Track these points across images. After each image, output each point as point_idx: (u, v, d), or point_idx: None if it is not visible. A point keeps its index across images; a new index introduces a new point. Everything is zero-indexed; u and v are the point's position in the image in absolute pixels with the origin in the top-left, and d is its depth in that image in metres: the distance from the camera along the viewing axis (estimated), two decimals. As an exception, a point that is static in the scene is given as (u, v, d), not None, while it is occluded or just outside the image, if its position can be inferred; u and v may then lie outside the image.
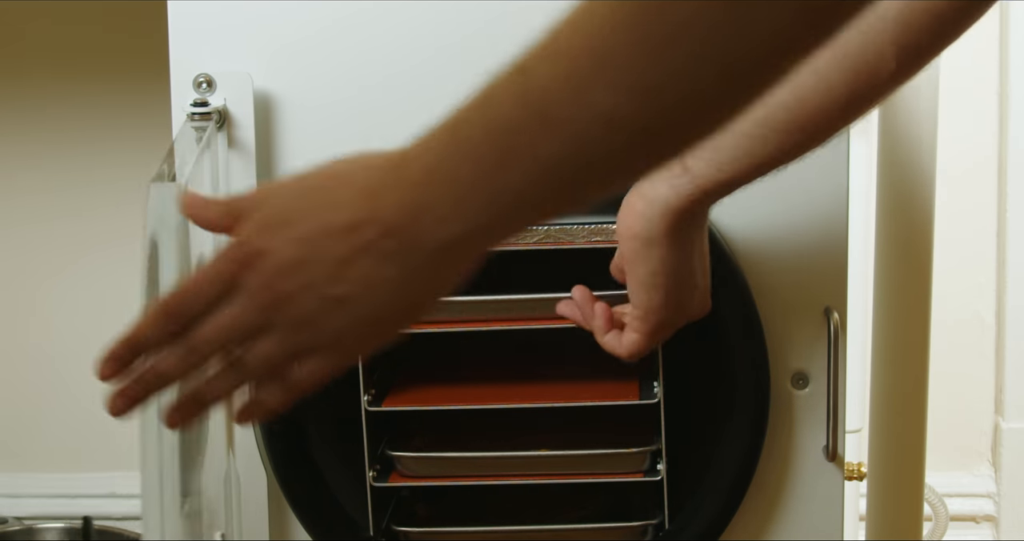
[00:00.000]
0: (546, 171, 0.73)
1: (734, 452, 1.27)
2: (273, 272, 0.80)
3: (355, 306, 0.80)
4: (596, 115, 0.70)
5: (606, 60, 0.69)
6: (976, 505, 2.09)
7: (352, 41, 1.25)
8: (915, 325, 1.53)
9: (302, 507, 1.30)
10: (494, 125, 0.74)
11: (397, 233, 0.77)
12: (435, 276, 0.79)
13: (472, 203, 0.75)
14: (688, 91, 0.69)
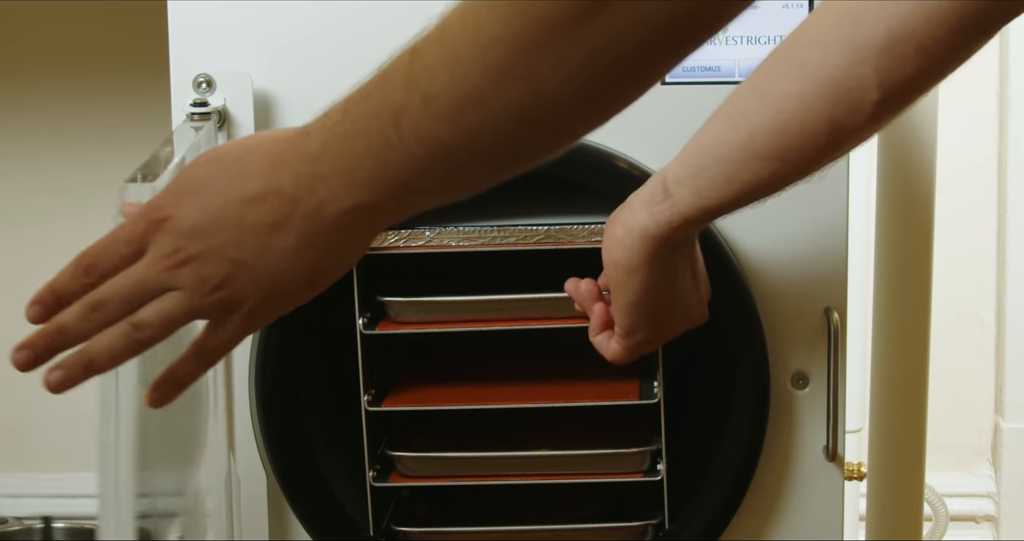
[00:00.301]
0: (429, 151, 0.78)
1: (734, 452, 1.27)
2: (181, 234, 0.84)
3: (255, 270, 0.83)
4: (474, 99, 0.75)
5: (485, 45, 0.74)
6: (976, 505, 2.09)
7: (352, 41, 1.25)
8: (915, 325, 1.53)
9: (302, 507, 1.30)
10: (383, 103, 0.79)
11: (294, 203, 0.82)
12: (331, 245, 0.83)
13: (362, 178, 0.80)
14: (562, 80, 0.74)
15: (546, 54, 0.73)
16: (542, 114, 0.77)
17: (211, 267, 0.83)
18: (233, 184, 0.84)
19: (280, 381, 1.28)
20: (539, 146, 0.81)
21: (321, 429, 1.31)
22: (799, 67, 0.90)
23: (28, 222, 2.02)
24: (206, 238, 0.83)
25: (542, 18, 0.73)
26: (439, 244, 1.24)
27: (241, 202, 0.83)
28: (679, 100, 1.23)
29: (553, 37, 0.73)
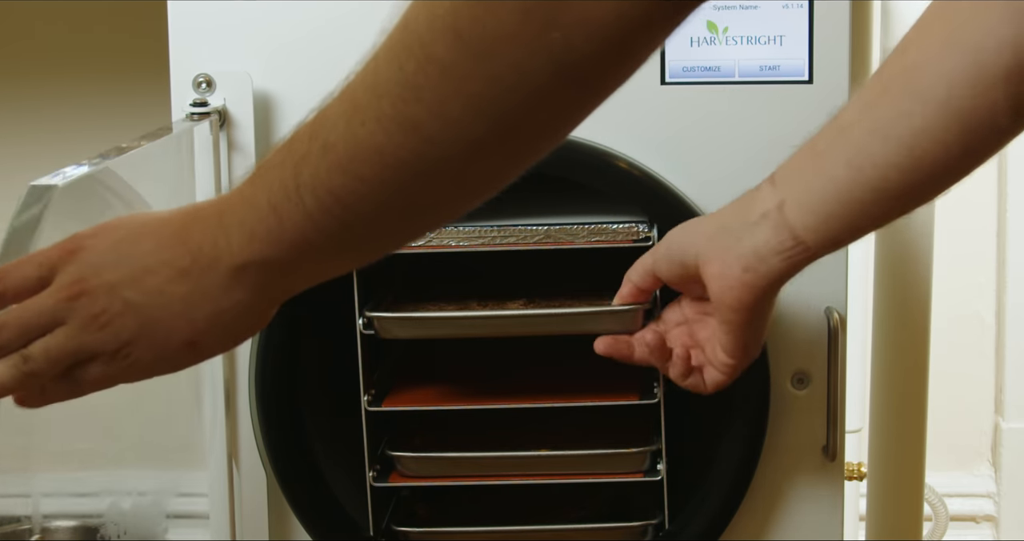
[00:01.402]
0: (322, 204, 0.77)
1: (734, 452, 1.27)
2: (85, 265, 0.84)
3: (145, 314, 0.83)
4: (367, 146, 0.74)
5: (381, 92, 0.73)
6: (976, 505, 2.09)
7: (351, 41, 1.25)
8: (915, 325, 1.53)
9: (302, 507, 1.30)
10: (288, 156, 0.78)
11: (196, 253, 0.82)
12: (222, 303, 0.82)
13: (260, 232, 0.79)
14: (449, 131, 0.73)
15: (446, 96, 0.73)
16: (439, 164, 0.75)
17: (102, 303, 0.83)
18: (151, 228, 0.84)
19: (280, 381, 1.28)
20: (435, 202, 0.79)
21: (321, 429, 1.31)
22: (923, 102, 0.89)
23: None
24: (107, 273, 0.83)
25: (438, 60, 0.72)
26: (439, 244, 1.24)
27: (152, 245, 0.83)
28: (679, 100, 1.23)
29: (446, 81, 0.72)
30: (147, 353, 0.84)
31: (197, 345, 0.84)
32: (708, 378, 1.06)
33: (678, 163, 1.24)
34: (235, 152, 1.24)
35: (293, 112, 1.26)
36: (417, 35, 0.72)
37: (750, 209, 0.98)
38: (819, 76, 1.24)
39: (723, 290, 0.99)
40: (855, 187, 0.93)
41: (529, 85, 0.72)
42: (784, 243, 0.96)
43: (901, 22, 1.51)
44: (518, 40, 0.71)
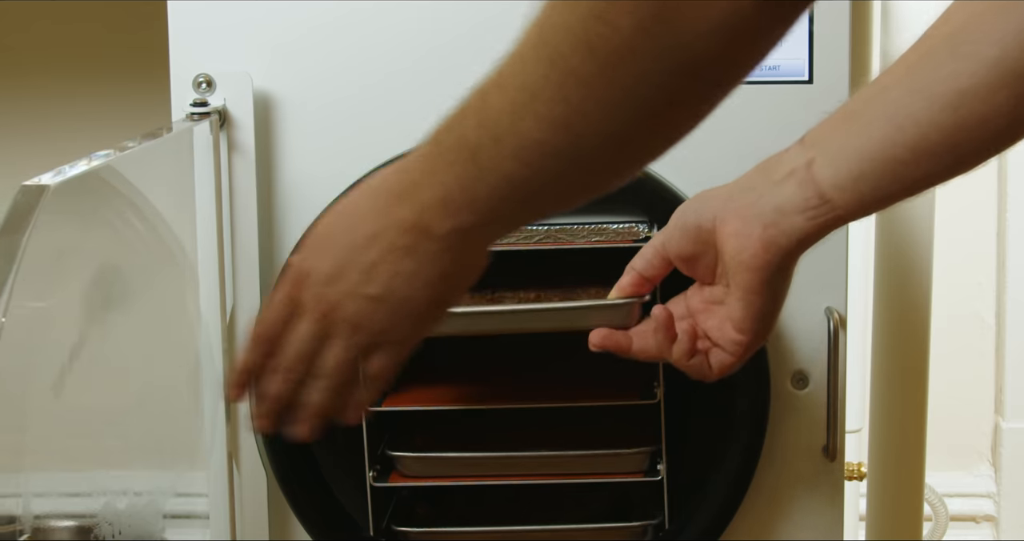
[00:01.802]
0: (508, 185, 0.86)
1: (734, 452, 1.27)
2: (319, 285, 0.94)
3: (390, 300, 0.92)
4: (532, 140, 0.84)
5: (533, 94, 0.83)
6: (976, 505, 2.09)
7: (351, 41, 1.25)
8: (915, 325, 1.53)
9: (302, 507, 1.30)
10: (462, 141, 0.87)
11: (407, 231, 0.90)
12: (447, 263, 0.91)
13: (454, 205, 0.89)
14: (594, 129, 0.83)
15: (587, 99, 0.81)
16: (589, 155, 0.85)
17: (351, 308, 0.93)
18: (353, 230, 0.93)
19: (280, 381, 1.28)
20: (592, 181, 0.89)
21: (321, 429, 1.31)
22: (973, 61, 0.88)
23: (28, 222, 2.02)
24: (341, 282, 0.93)
25: (575, 72, 0.80)
26: (439, 244, 1.24)
27: (364, 242, 0.92)
28: (679, 100, 1.23)
29: (586, 87, 0.81)
30: (408, 327, 0.94)
31: (440, 302, 0.94)
32: (715, 361, 1.04)
33: (678, 163, 1.24)
34: (235, 152, 1.24)
35: (293, 112, 1.26)
36: (556, 49, 0.81)
37: (775, 169, 0.97)
38: (819, 76, 1.24)
39: (742, 248, 0.97)
40: (892, 145, 0.91)
41: (657, 87, 0.80)
42: (809, 200, 0.95)
43: (901, 22, 1.51)
44: (640, 51, 0.79)
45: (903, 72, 0.92)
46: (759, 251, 0.97)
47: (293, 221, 1.27)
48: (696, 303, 1.04)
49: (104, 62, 1.97)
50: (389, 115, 1.25)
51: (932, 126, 0.90)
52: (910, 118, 0.90)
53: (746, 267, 0.98)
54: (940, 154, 0.91)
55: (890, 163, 0.92)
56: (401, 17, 1.25)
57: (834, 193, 0.94)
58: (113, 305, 1.10)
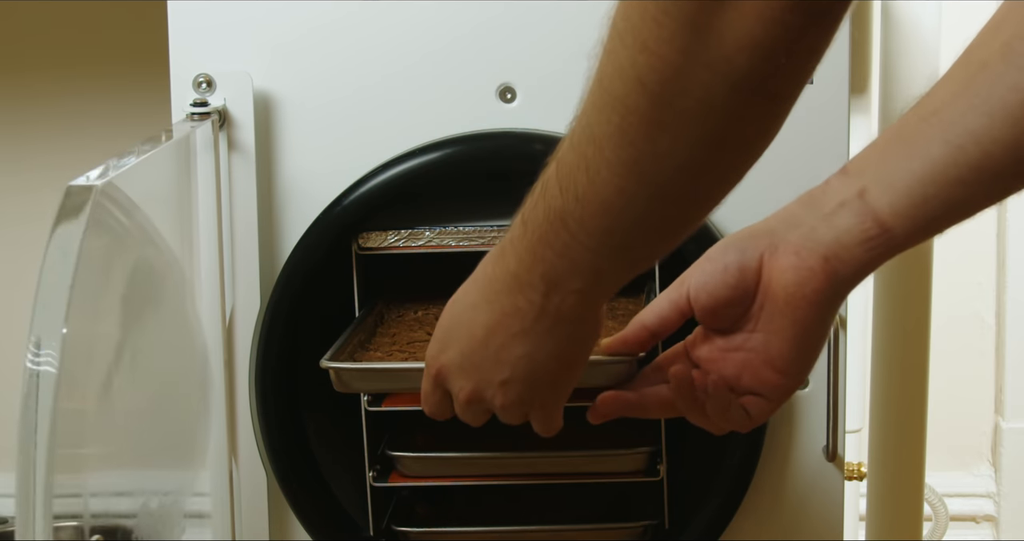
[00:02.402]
0: (600, 240, 0.89)
1: (734, 452, 1.27)
2: (455, 376, 1.02)
3: (522, 381, 0.99)
4: (612, 190, 0.86)
5: (601, 143, 0.85)
6: (976, 505, 2.09)
7: (351, 41, 1.25)
8: (915, 325, 1.53)
9: (302, 507, 1.30)
10: (550, 211, 0.90)
11: (519, 316, 0.96)
12: (562, 336, 0.97)
13: (558, 276, 0.93)
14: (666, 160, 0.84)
15: (650, 135, 0.84)
16: (666, 187, 0.86)
17: (489, 392, 1.01)
18: (471, 324, 0.99)
19: (280, 381, 1.28)
20: (683, 214, 0.90)
21: (321, 429, 1.31)
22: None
23: (28, 221, 2.02)
24: (474, 373, 1.00)
25: (634, 109, 0.82)
26: (439, 244, 1.24)
27: (482, 334, 0.98)
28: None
29: (647, 123, 0.83)
30: (547, 393, 1.01)
31: (571, 365, 1.00)
32: (753, 410, 1.00)
33: (678, 163, 1.24)
34: (235, 152, 1.24)
35: (293, 112, 1.26)
36: (612, 92, 0.83)
37: (822, 202, 0.92)
38: (819, 76, 1.23)
39: (802, 281, 0.93)
40: (954, 166, 0.87)
41: (715, 109, 0.82)
42: (868, 231, 0.90)
43: (901, 22, 1.51)
44: (690, 76, 0.81)
45: (957, 89, 0.87)
46: (822, 284, 0.93)
47: (293, 221, 1.27)
48: (707, 353, 0.99)
49: (104, 62, 1.97)
50: (389, 115, 1.25)
51: (994, 143, 0.86)
52: (970, 136, 0.86)
53: (806, 302, 0.93)
54: (1002, 171, 0.88)
55: (953, 185, 0.88)
56: (401, 17, 1.25)
57: (894, 221, 0.90)
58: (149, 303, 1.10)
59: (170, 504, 1.16)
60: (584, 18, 1.22)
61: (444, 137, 1.25)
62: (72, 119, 1.99)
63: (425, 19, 1.25)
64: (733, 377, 0.98)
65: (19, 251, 2.03)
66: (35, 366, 0.92)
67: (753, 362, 0.97)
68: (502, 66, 1.25)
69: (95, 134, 1.99)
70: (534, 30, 1.24)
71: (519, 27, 1.24)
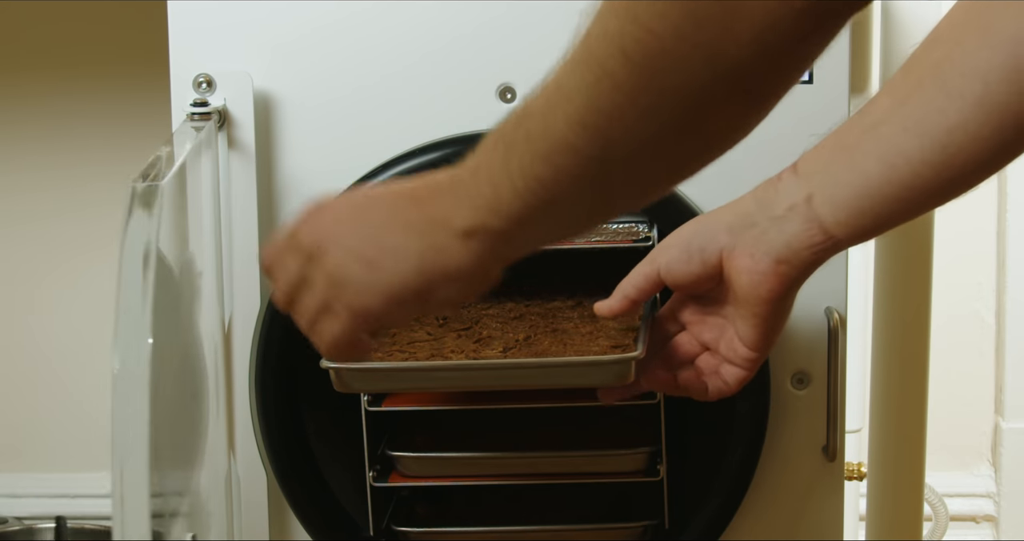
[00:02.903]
0: (529, 186, 0.85)
1: (734, 452, 1.27)
2: (319, 229, 0.94)
3: (377, 269, 0.92)
4: (562, 144, 0.83)
5: (568, 96, 0.82)
6: (976, 505, 2.08)
7: (351, 41, 1.25)
8: (915, 325, 1.53)
9: (302, 507, 1.30)
10: (501, 138, 0.87)
11: (429, 216, 0.90)
12: (454, 260, 0.90)
13: (481, 205, 0.88)
14: (627, 134, 0.82)
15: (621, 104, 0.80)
16: (620, 160, 0.83)
17: (337, 260, 0.92)
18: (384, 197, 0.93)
19: (280, 380, 1.28)
20: (625, 192, 0.88)
21: (321, 429, 1.31)
22: (959, 98, 0.89)
23: (28, 221, 2.02)
24: (340, 235, 0.93)
25: (611, 75, 0.79)
26: (439, 244, 1.24)
27: (386, 210, 0.92)
28: (679, 100, 1.23)
29: (620, 92, 0.80)
30: (380, 305, 0.93)
31: (428, 298, 0.92)
32: (729, 377, 1.06)
33: (678, 163, 1.24)
34: (235, 152, 1.24)
35: (293, 112, 1.26)
36: (593, 52, 0.81)
37: (774, 201, 0.99)
38: (819, 76, 1.24)
39: (756, 282, 1.00)
40: (888, 184, 0.93)
41: (692, 95, 0.80)
42: (814, 237, 0.98)
43: (901, 22, 1.51)
44: (676, 55, 0.78)
45: (894, 105, 0.93)
46: (774, 285, 1.00)
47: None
48: (689, 316, 1.07)
49: (104, 62, 1.97)
50: (389, 114, 1.25)
51: (924, 164, 0.92)
52: (902, 156, 0.92)
53: (761, 299, 1.01)
54: (932, 188, 0.94)
55: (888, 200, 0.95)
56: (401, 17, 1.25)
57: (836, 229, 0.97)
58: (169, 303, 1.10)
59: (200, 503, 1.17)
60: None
61: (444, 137, 1.25)
62: (71, 119, 1.99)
63: (425, 19, 1.25)
64: (712, 341, 1.06)
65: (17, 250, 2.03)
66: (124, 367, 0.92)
67: (728, 333, 1.05)
68: (502, 66, 1.25)
69: (94, 134, 1.99)
70: (534, 30, 1.24)
71: (519, 27, 1.24)
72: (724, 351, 1.05)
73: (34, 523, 1.87)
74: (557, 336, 1.20)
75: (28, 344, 2.05)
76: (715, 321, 1.05)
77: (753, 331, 1.03)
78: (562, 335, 1.20)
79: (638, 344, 1.07)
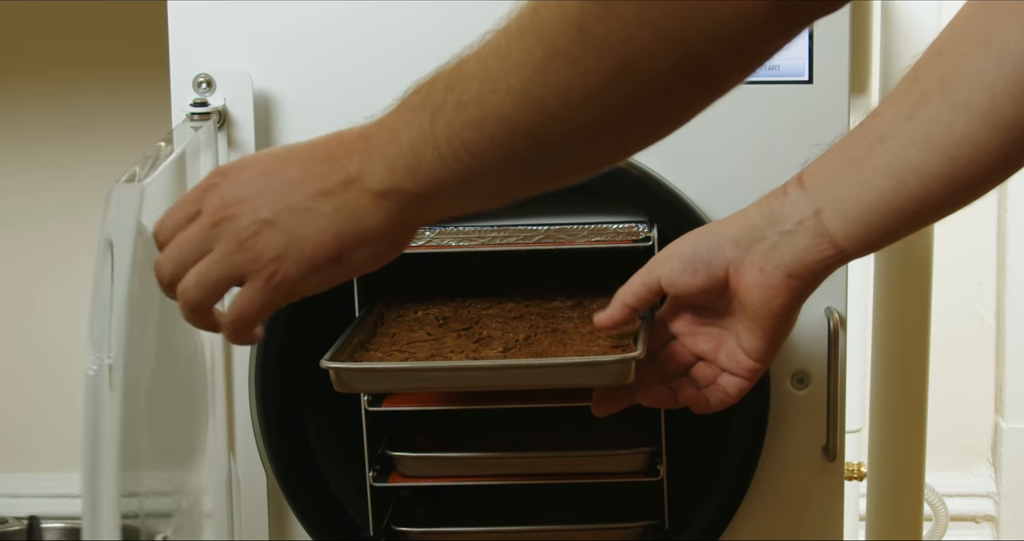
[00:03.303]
0: (454, 152, 0.82)
1: (734, 452, 1.27)
2: (227, 193, 0.89)
3: (287, 233, 0.88)
4: (496, 113, 0.80)
5: (511, 68, 0.78)
6: (976, 505, 2.09)
7: (351, 41, 1.25)
8: (915, 325, 1.53)
9: (302, 507, 1.30)
10: (427, 101, 0.83)
11: (341, 175, 0.87)
12: (366, 222, 0.87)
13: (400, 165, 0.85)
14: (571, 114, 0.78)
15: (569, 83, 0.77)
16: (559, 137, 0.80)
17: (244, 222, 0.88)
18: (295, 154, 0.89)
19: (280, 381, 1.28)
20: (558, 168, 0.84)
21: (321, 429, 1.31)
22: (965, 111, 0.90)
23: (30, 220, 2.02)
24: (252, 198, 0.88)
25: (563, 52, 0.76)
26: (439, 244, 1.24)
27: (298, 169, 0.88)
28: (679, 100, 1.23)
29: (570, 70, 0.77)
30: (294, 270, 0.88)
31: (343, 261, 0.88)
32: (731, 388, 1.06)
33: (678, 163, 1.24)
34: (235, 152, 1.24)
35: (293, 112, 1.26)
36: (546, 25, 0.77)
37: (782, 216, 0.99)
38: (819, 76, 1.24)
39: (768, 297, 1.00)
40: (897, 198, 0.94)
41: (648, 82, 0.76)
42: (824, 251, 0.98)
43: (901, 22, 1.51)
44: (638, 41, 0.74)
45: (900, 118, 0.93)
46: (786, 300, 1.00)
47: (293, 221, 1.27)
48: (684, 326, 1.07)
49: (104, 62, 1.97)
50: (389, 115, 1.25)
51: (932, 177, 0.93)
52: (911, 171, 0.93)
53: (772, 314, 1.01)
54: (941, 200, 0.94)
55: (897, 214, 0.95)
56: (400, 17, 1.25)
57: (846, 243, 0.98)
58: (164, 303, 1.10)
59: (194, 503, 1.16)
60: (584, 18, 1.22)
61: (444, 137, 1.25)
62: (72, 119, 1.99)
63: (424, 19, 1.25)
64: (710, 352, 1.05)
65: (18, 250, 2.03)
66: (97, 366, 0.91)
67: (728, 343, 1.04)
68: (502, 66, 1.25)
69: (95, 134, 1.99)
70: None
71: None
72: (724, 361, 1.05)
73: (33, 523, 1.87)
74: (557, 336, 1.20)
75: (29, 344, 2.05)
76: (712, 331, 1.05)
77: (759, 342, 1.03)
78: (562, 335, 1.20)
79: (638, 344, 1.07)
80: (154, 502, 1.06)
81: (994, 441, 2.07)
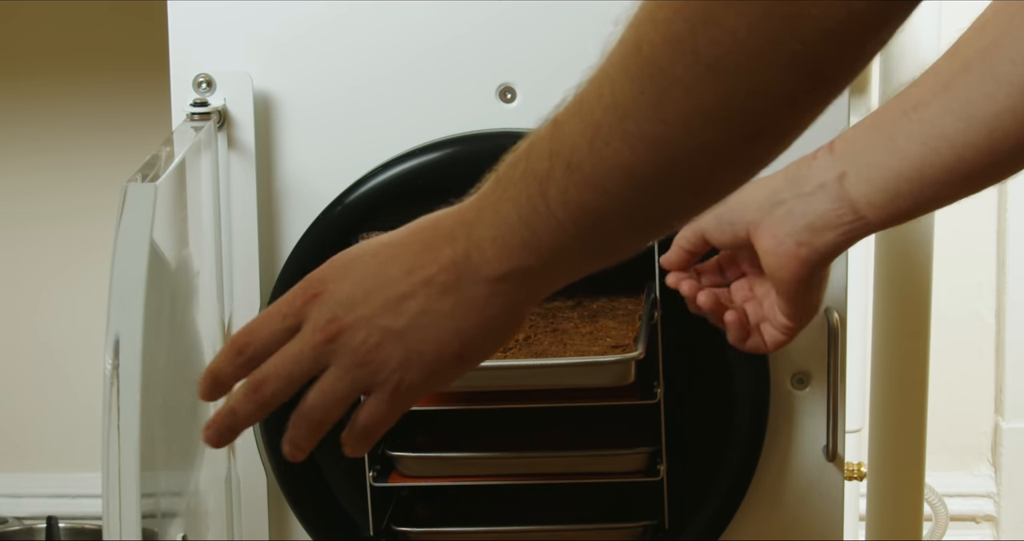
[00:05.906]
0: (574, 217, 0.80)
1: (734, 452, 1.27)
2: (336, 304, 0.85)
3: (410, 339, 0.84)
4: (614, 164, 0.77)
5: (623, 114, 0.76)
6: (976, 505, 2.09)
7: (351, 41, 1.25)
8: (915, 325, 1.53)
9: (302, 507, 1.30)
10: (529, 173, 0.81)
11: (451, 269, 0.83)
12: (490, 312, 0.84)
13: (513, 244, 0.82)
14: (695, 145, 0.76)
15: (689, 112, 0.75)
16: (684, 174, 0.79)
17: (361, 335, 0.84)
18: (391, 255, 0.85)
19: (280, 381, 1.28)
20: (681, 206, 0.83)
21: (321, 429, 1.31)
22: (1008, 84, 0.88)
23: (29, 221, 2.03)
24: (360, 307, 0.84)
25: (679, 82, 0.74)
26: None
27: (399, 271, 0.84)
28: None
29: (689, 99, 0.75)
30: (418, 375, 0.85)
31: (466, 356, 0.86)
32: (768, 338, 1.08)
33: (678, 163, 1.24)
34: (235, 152, 1.24)
35: (293, 112, 1.26)
36: (654, 60, 0.75)
37: (805, 179, 0.98)
38: (819, 76, 1.24)
39: (778, 265, 1.00)
40: (929, 167, 0.92)
41: (771, 92, 0.74)
42: (843, 216, 0.97)
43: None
44: (757, 54, 0.73)
45: (938, 88, 0.92)
46: (795, 268, 1.00)
47: (293, 222, 1.27)
48: (748, 267, 1.09)
49: (104, 62, 1.97)
50: (389, 114, 1.25)
51: (967, 147, 0.91)
52: (945, 140, 0.91)
53: (783, 281, 1.01)
54: (974, 172, 0.92)
55: (927, 184, 0.93)
56: (400, 16, 1.25)
57: (868, 210, 0.96)
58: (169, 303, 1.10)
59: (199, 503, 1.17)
60: (584, 18, 1.22)
61: (444, 137, 1.25)
62: (72, 119, 1.99)
63: (424, 19, 1.25)
64: (763, 295, 1.07)
65: (19, 251, 2.03)
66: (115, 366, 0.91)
67: (771, 295, 1.06)
68: (502, 66, 1.25)
69: (95, 134, 1.99)
70: (534, 30, 1.24)
71: (519, 27, 1.24)
72: (767, 310, 1.07)
73: (34, 523, 1.87)
74: (557, 336, 1.20)
75: (31, 344, 2.05)
76: (766, 280, 1.06)
77: (786, 305, 1.03)
78: (562, 335, 1.20)
79: (638, 344, 1.07)
80: (168, 502, 1.06)
81: (994, 441, 2.08)
